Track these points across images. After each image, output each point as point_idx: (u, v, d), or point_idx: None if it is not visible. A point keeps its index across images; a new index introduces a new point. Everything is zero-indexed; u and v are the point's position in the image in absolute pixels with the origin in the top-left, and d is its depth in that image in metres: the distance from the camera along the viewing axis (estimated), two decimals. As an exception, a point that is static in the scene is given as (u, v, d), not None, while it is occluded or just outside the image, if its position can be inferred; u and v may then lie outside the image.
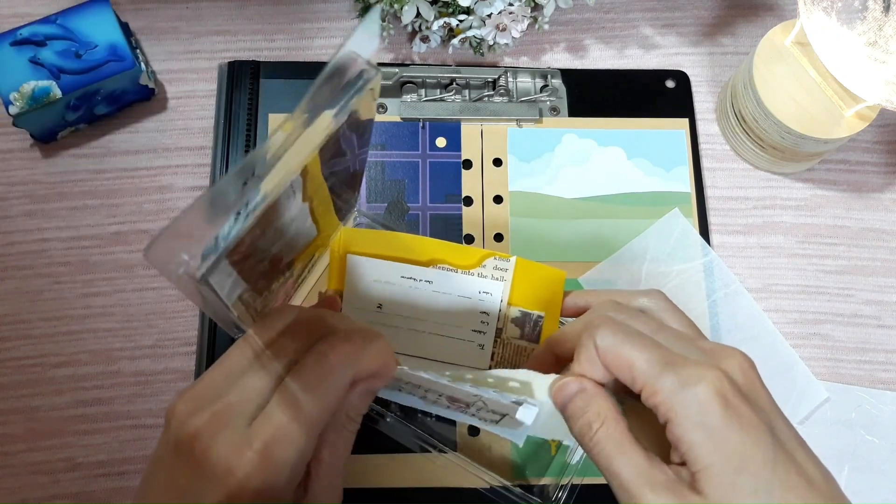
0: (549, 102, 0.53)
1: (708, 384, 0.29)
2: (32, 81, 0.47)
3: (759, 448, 0.28)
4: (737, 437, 0.28)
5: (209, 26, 0.54)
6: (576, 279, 0.49)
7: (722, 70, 0.56)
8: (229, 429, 0.29)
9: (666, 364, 0.30)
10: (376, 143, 0.51)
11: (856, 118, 0.48)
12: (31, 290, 0.48)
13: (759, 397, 0.30)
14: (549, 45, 0.56)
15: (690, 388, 0.29)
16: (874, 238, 0.52)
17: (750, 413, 0.29)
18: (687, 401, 0.29)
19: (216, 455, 0.29)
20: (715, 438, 0.29)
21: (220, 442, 0.29)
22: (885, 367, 0.49)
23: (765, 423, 0.29)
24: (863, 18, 0.47)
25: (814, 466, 0.29)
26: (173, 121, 0.52)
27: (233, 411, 0.30)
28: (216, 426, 0.29)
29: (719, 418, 0.29)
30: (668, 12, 0.57)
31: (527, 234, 0.50)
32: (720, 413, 0.29)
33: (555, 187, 0.51)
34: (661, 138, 0.53)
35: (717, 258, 0.50)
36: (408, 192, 0.50)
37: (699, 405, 0.29)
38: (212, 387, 0.31)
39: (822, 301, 0.51)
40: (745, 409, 0.29)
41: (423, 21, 0.51)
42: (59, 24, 0.48)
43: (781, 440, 0.29)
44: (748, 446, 0.28)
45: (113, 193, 0.50)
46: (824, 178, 0.53)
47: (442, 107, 0.52)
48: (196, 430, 0.29)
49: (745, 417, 0.29)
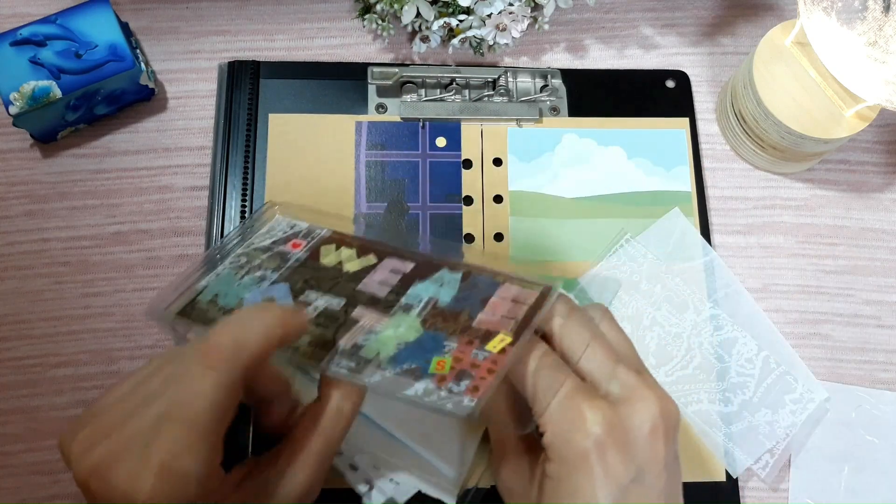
0: (549, 102, 0.53)
1: (590, 426, 0.31)
2: (32, 81, 0.47)
3: (603, 490, 0.31)
4: (587, 473, 0.31)
5: (209, 26, 0.54)
6: (575, 279, 0.49)
7: (722, 70, 0.56)
8: (125, 456, 0.29)
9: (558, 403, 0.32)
10: (376, 143, 0.51)
11: (856, 118, 0.48)
12: (31, 290, 0.48)
13: (646, 450, 0.32)
14: (549, 45, 0.56)
15: (572, 422, 0.32)
16: (874, 238, 0.52)
17: (614, 460, 0.31)
18: (564, 431, 0.32)
19: (114, 487, 0.29)
20: (570, 467, 0.32)
21: (117, 473, 0.29)
22: (885, 367, 0.49)
23: (627, 473, 0.31)
24: (863, 18, 0.47)
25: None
26: (173, 121, 0.52)
27: (127, 438, 0.30)
28: (112, 459, 0.29)
29: (582, 455, 0.31)
30: (668, 12, 0.57)
31: (527, 234, 0.50)
32: (586, 452, 0.31)
33: (555, 187, 0.51)
34: (662, 138, 0.53)
35: (718, 258, 0.50)
36: (408, 191, 0.50)
37: (570, 440, 0.32)
38: (106, 415, 0.31)
39: (822, 301, 0.51)
40: (613, 455, 0.31)
41: (423, 21, 0.51)
42: (59, 24, 0.48)
43: (632, 492, 0.31)
44: (595, 485, 0.31)
45: (113, 193, 0.50)
46: (824, 178, 0.53)
47: (442, 107, 0.52)
48: (93, 467, 0.29)
49: (606, 461, 0.31)
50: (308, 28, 0.55)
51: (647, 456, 0.31)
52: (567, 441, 0.31)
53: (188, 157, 0.51)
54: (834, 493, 0.46)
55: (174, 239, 0.49)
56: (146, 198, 0.50)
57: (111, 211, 0.49)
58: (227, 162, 0.49)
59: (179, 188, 0.50)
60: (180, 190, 0.50)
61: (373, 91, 0.52)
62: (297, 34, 0.55)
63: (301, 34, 0.55)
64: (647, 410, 0.32)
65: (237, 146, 0.50)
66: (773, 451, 0.46)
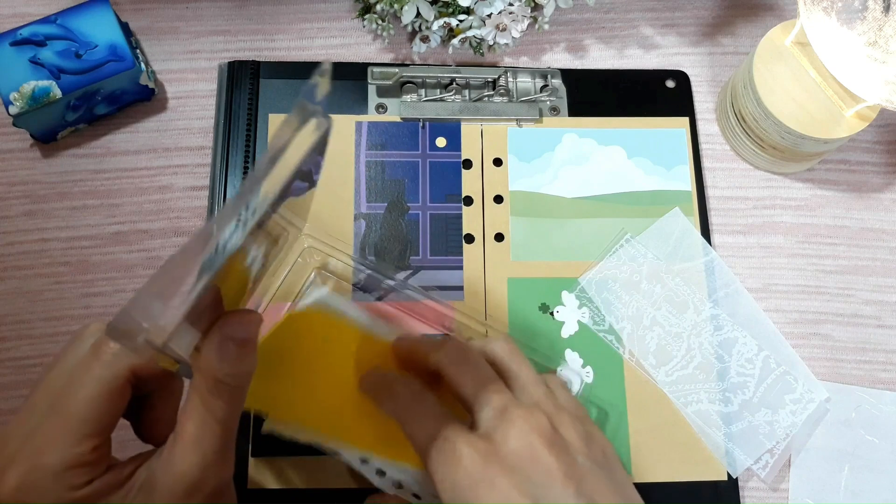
0: (549, 102, 0.53)
1: (463, 471, 0.31)
2: (32, 81, 0.47)
3: None
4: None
5: (209, 26, 0.54)
6: (576, 279, 0.49)
7: (722, 70, 0.56)
8: (5, 453, 0.29)
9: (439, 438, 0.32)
10: (376, 143, 0.51)
11: (856, 118, 0.48)
12: (31, 290, 0.48)
13: (534, 465, 0.31)
14: (549, 45, 0.56)
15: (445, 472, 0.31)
16: (874, 238, 0.52)
17: (505, 491, 0.30)
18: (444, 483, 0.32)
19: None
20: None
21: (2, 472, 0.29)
22: (885, 367, 0.49)
23: (524, 498, 0.30)
24: (863, 18, 0.47)
25: None
26: (173, 121, 0.52)
27: (13, 434, 0.30)
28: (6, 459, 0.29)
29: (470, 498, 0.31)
30: (668, 12, 0.57)
31: (527, 234, 0.50)
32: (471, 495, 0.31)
33: (555, 187, 0.51)
34: (662, 137, 0.53)
35: (718, 258, 0.50)
36: (408, 191, 0.50)
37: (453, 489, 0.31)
38: (17, 417, 0.31)
39: (822, 301, 0.51)
40: (501, 487, 0.30)
41: (423, 21, 0.51)
42: (59, 24, 0.48)
43: None
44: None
45: (113, 193, 0.50)
46: (824, 178, 0.53)
47: (442, 107, 0.52)
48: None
49: (498, 497, 0.30)
50: (308, 28, 0.55)
51: (538, 471, 0.31)
52: (453, 483, 0.31)
53: (188, 157, 0.51)
54: (834, 493, 0.46)
55: (174, 239, 0.49)
56: (146, 198, 0.50)
57: (111, 211, 0.49)
58: (227, 162, 0.49)
59: (179, 188, 0.50)
60: (180, 190, 0.50)
61: (373, 91, 0.52)
62: (297, 34, 0.55)
63: (301, 34, 0.55)
64: (518, 432, 0.31)
65: (237, 146, 0.50)
66: (773, 451, 0.46)
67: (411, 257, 0.49)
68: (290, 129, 0.27)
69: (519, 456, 0.31)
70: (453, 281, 0.48)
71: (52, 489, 0.29)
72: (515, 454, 0.31)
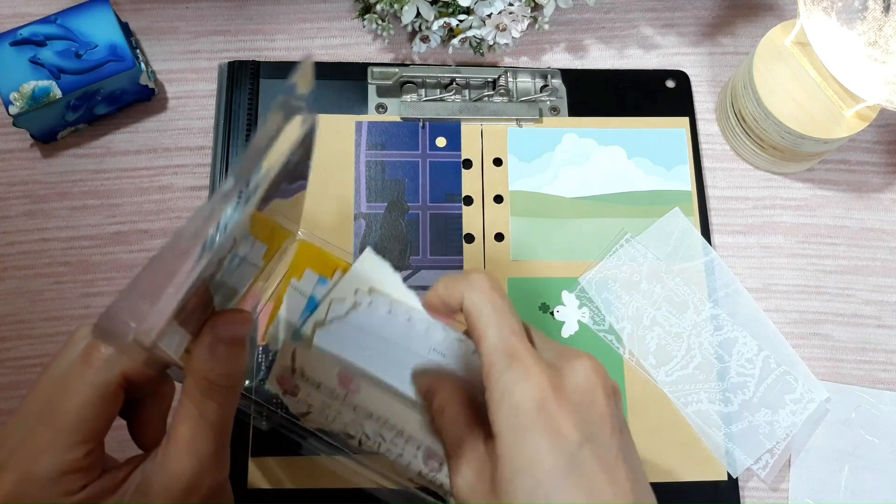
0: (549, 102, 0.53)
1: (531, 388, 0.30)
2: (32, 81, 0.47)
3: (551, 455, 0.29)
4: (533, 441, 0.29)
5: (209, 26, 0.54)
6: (576, 279, 0.49)
7: (722, 70, 0.56)
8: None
9: (507, 355, 0.31)
10: (376, 143, 0.51)
11: (856, 118, 0.48)
12: (31, 290, 0.48)
13: (592, 407, 0.31)
14: (549, 45, 0.56)
15: (512, 388, 0.30)
16: (874, 238, 0.52)
17: (562, 422, 0.30)
18: (505, 398, 0.30)
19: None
20: (516, 437, 0.30)
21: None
22: (885, 367, 0.49)
23: (577, 433, 0.29)
24: (863, 18, 0.47)
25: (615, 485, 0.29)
26: (173, 121, 0.52)
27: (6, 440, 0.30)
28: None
29: (528, 421, 0.30)
30: (668, 12, 0.57)
31: (527, 234, 0.50)
32: (530, 417, 0.30)
33: (555, 187, 0.51)
34: (662, 137, 0.53)
35: (718, 258, 0.50)
36: (408, 191, 0.50)
37: (512, 407, 0.30)
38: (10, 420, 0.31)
39: (822, 301, 0.51)
40: (560, 417, 0.30)
41: (423, 21, 0.51)
42: (59, 24, 0.48)
43: (585, 453, 0.29)
44: (542, 452, 0.29)
45: (113, 193, 0.50)
46: (824, 178, 0.53)
47: (442, 107, 0.52)
48: None
49: (553, 426, 0.29)
50: (308, 28, 0.55)
51: (594, 414, 0.30)
52: (515, 401, 0.30)
53: (188, 157, 0.51)
54: (834, 493, 0.46)
55: (174, 239, 0.49)
56: (146, 198, 0.50)
57: (111, 211, 0.49)
58: (227, 162, 0.49)
59: (179, 188, 0.50)
60: (180, 190, 0.50)
61: (373, 91, 0.52)
62: (297, 34, 0.55)
63: (301, 34, 0.55)
64: (585, 369, 0.31)
65: (237, 146, 0.50)
66: (773, 451, 0.46)
67: (411, 257, 0.49)
68: (276, 124, 0.27)
69: (581, 393, 0.31)
70: None
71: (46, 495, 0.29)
72: (579, 391, 0.31)
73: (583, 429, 0.30)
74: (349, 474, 0.43)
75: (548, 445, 0.29)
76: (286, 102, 0.28)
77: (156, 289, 0.24)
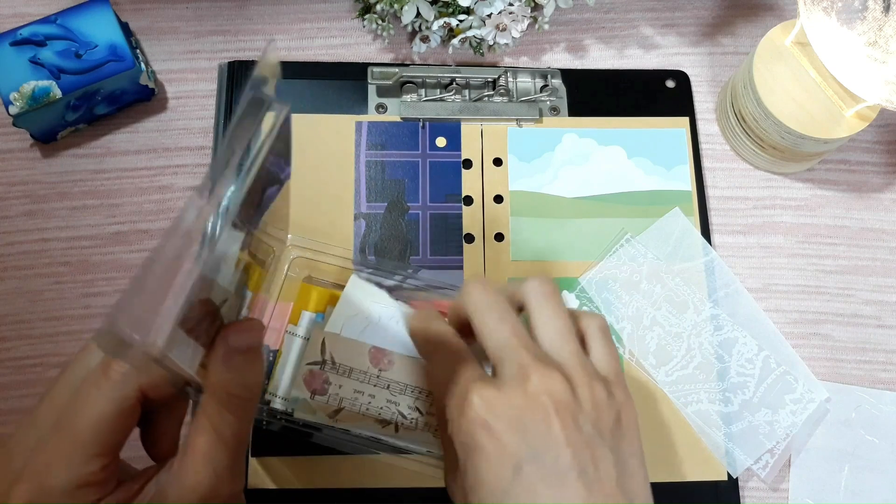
0: (549, 102, 0.53)
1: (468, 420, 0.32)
2: (32, 81, 0.47)
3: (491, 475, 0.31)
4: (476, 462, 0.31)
5: (209, 26, 0.54)
6: (576, 279, 0.49)
7: (722, 70, 0.56)
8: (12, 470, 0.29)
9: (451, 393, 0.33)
10: (376, 143, 0.51)
11: (856, 118, 0.48)
12: (31, 290, 0.48)
13: (528, 431, 0.31)
14: (549, 45, 0.56)
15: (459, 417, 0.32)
16: (874, 238, 0.52)
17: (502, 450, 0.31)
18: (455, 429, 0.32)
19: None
20: (465, 457, 0.32)
21: (6, 488, 0.29)
22: (885, 367, 0.49)
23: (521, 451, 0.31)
24: (863, 18, 0.47)
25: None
26: (173, 121, 0.52)
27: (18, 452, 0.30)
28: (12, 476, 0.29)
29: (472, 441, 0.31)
30: (668, 12, 0.57)
31: (527, 234, 0.50)
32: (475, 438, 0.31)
33: (555, 187, 0.51)
34: (662, 137, 0.53)
35: (718, 258, 0.50)
36: (408, 191, 0.50)
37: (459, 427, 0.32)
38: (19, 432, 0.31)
39: (822, 301, 0.51)
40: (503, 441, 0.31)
41: (423, 21, 0.51)
42: (59, 24, 0.48)
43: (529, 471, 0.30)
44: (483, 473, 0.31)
45: (113, 193, 0.50)
46: (824, 178, 0.53)
47: (442, 107, 0.52)
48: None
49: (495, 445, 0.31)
50: (308, 28, 0.55)
51: (539, 434, 0.31)
52: (459, 426, 0.32)
53: (188, 157, 0.51)
54: (834, 493, 0.46)
55: (174, 239, 0.49)
56: (146, 198, 0.50)
57: (111, 211, 0.49)
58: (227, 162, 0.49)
59: (179, 188, 0.50)
60: (180, 190, 0.50)
61: (373, 91, 0.52)
62: (297, 34, 0.55)
63: (301, 34, 0.55)
64: (532, 390, 0.31)
65: (237, 146, 0.50)
66: (773, 451, 0.46)
67: (411, 257, 0.49)
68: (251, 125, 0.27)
69: (525, 413, 0.31)
70: (453, 281, 0.48)
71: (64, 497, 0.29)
72: (522, 411, 0.31)
73: (525, 448, 0.31)
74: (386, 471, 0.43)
75: (493, 459, 0.30)
76: (255, 100, 0.27)
77: (155, 295, 0.24)
